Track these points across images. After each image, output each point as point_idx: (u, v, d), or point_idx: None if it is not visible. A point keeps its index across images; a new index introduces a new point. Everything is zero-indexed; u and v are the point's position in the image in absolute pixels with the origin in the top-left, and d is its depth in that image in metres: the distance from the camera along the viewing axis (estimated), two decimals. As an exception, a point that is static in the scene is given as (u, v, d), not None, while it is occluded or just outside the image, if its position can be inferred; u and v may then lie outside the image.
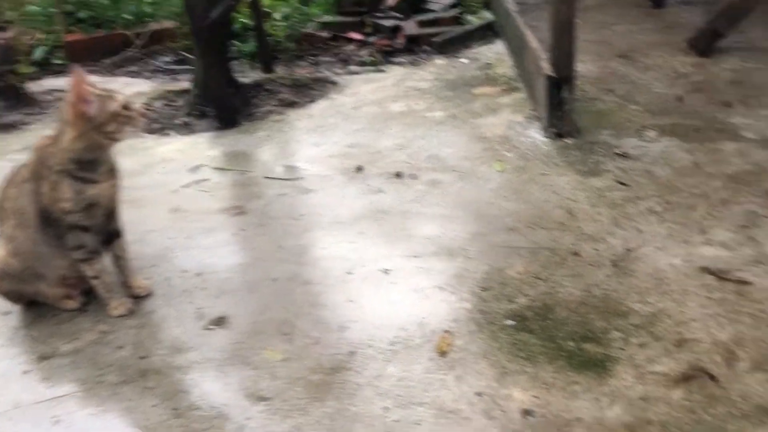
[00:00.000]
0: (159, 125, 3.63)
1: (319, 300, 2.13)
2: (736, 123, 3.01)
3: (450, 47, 4.48)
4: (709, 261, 2.13)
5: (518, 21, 3.78)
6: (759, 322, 1.86)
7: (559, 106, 2.96)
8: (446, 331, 1.93)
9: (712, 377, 1.70)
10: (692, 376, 1.71)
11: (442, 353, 1.86)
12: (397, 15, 5.01)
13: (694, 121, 3.06)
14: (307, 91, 3.97)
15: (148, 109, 3.53)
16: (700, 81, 3.50)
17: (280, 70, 4.33)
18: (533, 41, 3.32)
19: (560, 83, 2.92)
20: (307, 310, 2.09)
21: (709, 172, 2.63)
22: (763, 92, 3.28)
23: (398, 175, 2.86)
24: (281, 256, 2.38)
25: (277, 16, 4.87)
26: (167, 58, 4.80)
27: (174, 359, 1.92)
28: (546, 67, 2.98)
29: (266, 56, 4.36)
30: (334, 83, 4.08)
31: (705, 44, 3.81)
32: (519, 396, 1.70)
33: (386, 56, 4.51)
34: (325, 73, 4.27)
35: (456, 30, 4.68)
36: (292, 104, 3.79)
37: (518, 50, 3.79)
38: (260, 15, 4.32)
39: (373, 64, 4.37)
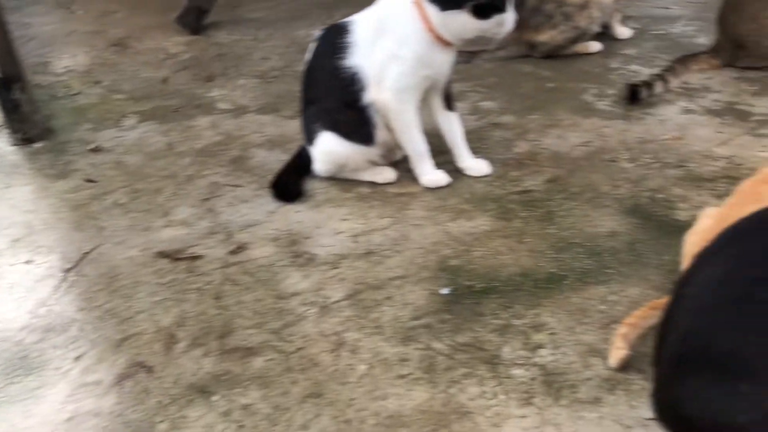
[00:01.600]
0: None
1: None
2: (214, 96, 3.06)
3: None
4: (167, 244, 2.08)
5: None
6: (203, 294, 1.86)
7: (16, 109, 2.65)
8: None
9: (149, 369, 1.64)
10: (127, 375, 1.62)
11: None
12: None
13: (174, 101, 3.03)
14: None
15: None
16: (188, 59, 3.51)
17: None
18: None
19: (9, 84, 2.61)
20: None
21: (181, 151, 2.61)
22: (242, 62, 3.41)
23: None
24: None
25: None
26: None
27: None
28: (-11, 69, 2.64)
29: None
30: None
31: (193, 21, 3.83)
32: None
33: None
34: None
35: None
36: None
37: None
38: None
39: None
